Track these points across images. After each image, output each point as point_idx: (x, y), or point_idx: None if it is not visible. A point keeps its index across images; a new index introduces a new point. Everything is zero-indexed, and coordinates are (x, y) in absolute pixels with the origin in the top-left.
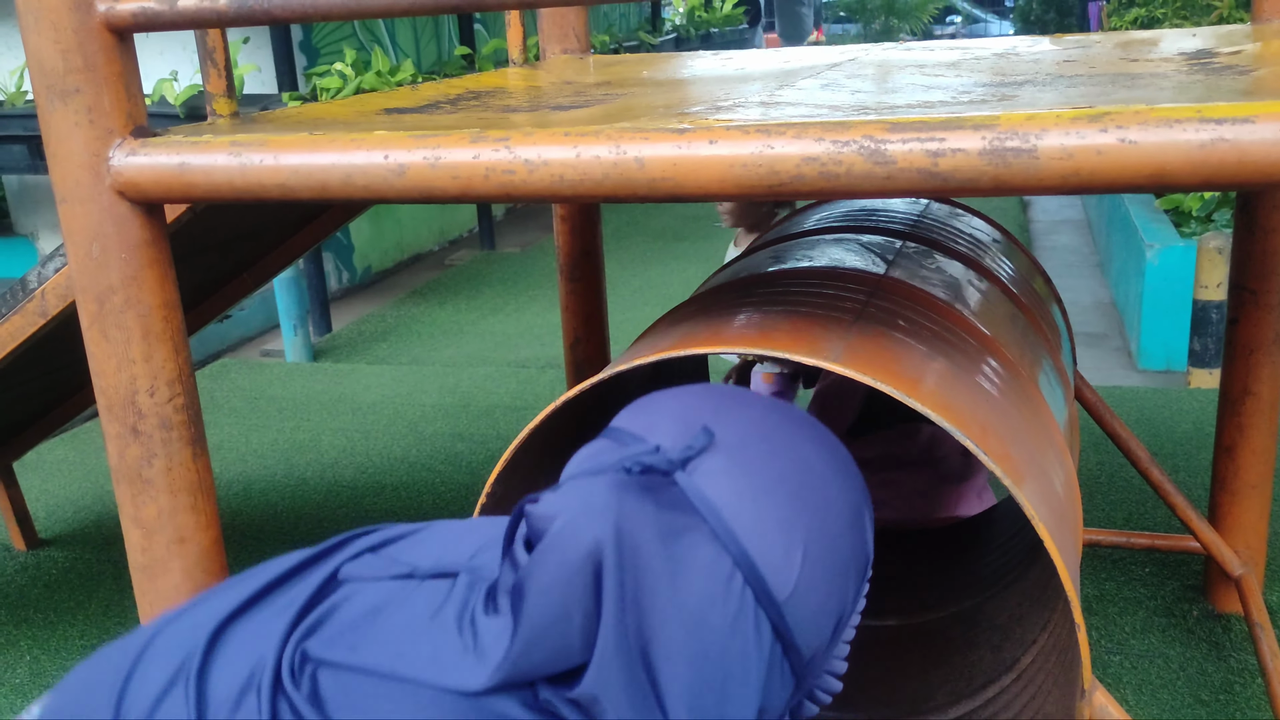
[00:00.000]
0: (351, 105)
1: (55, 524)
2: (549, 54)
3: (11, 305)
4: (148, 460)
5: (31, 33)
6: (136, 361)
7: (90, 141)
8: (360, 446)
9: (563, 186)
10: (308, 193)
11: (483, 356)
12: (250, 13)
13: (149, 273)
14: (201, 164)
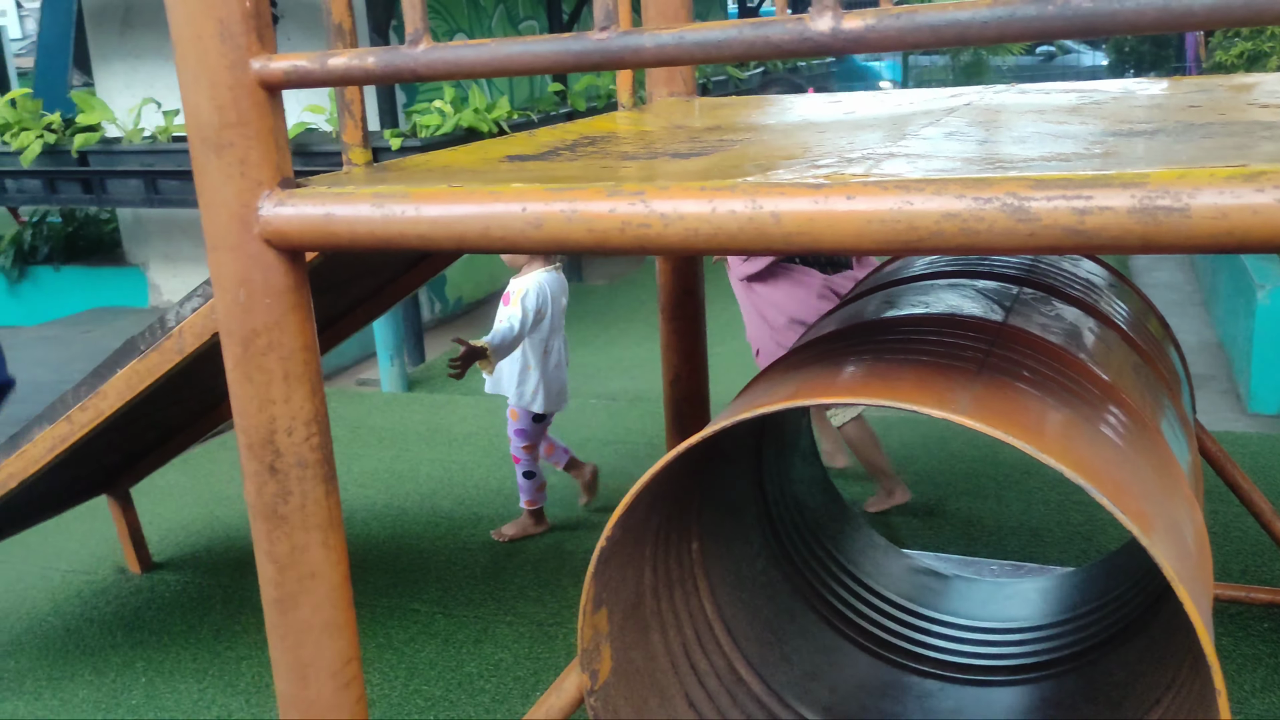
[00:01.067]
0: (475, 152)
1: (167, 547)
2: (655, 97)
3: (150, 342)
4: (283, 497)
5: (190, 89)
6: (276, 402)
7: (241, 192)
8: (457, 478)
9: (697, 240)
10: (446, 243)
11: (573, 389)
12: (397, 71)
13: (291, 317)
14: (346, 214)
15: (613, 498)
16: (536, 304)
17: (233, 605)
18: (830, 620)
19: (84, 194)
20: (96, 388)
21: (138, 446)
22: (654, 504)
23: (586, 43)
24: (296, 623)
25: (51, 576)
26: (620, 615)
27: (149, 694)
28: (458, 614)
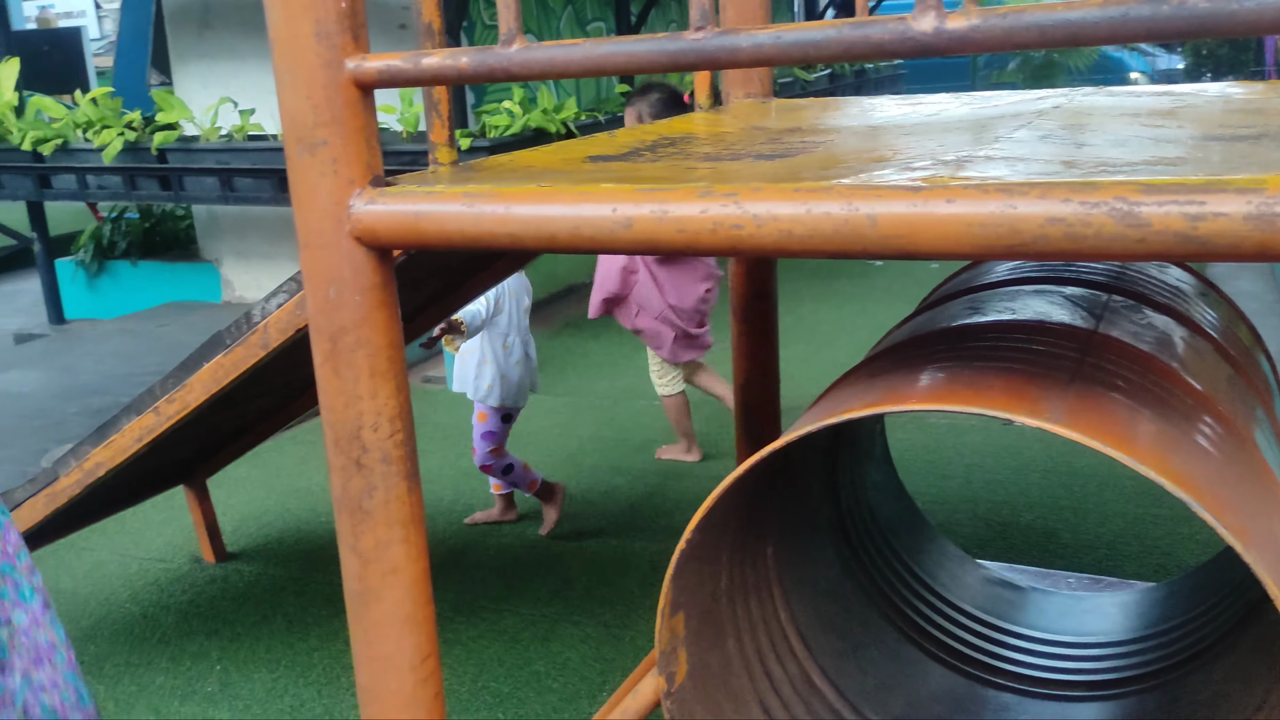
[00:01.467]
0: (556, 153)
1: (240, 538)
2: (732, 98)
3: (236, 337)
4: (368, 492)
5: (286, 88)
6: (363, 398)
7: (334, 191)
8: None
9: (790, 242)
10: (536, 243)
11: (637, 391)
12: (490, 71)
13: (379, 314)
14: (436, 213)
15: (680, 500)
16: (495, 294)
17: (304, 597)
18: (904, 630)
19: (162, 191)
20: (183, 381)
21: (215, 439)
22: (731, 508)
23: (682, 43)
24: (378, 617)
25: (129, 564)
26: (697, 619)
27: (224, 682)
28: (524, 612)
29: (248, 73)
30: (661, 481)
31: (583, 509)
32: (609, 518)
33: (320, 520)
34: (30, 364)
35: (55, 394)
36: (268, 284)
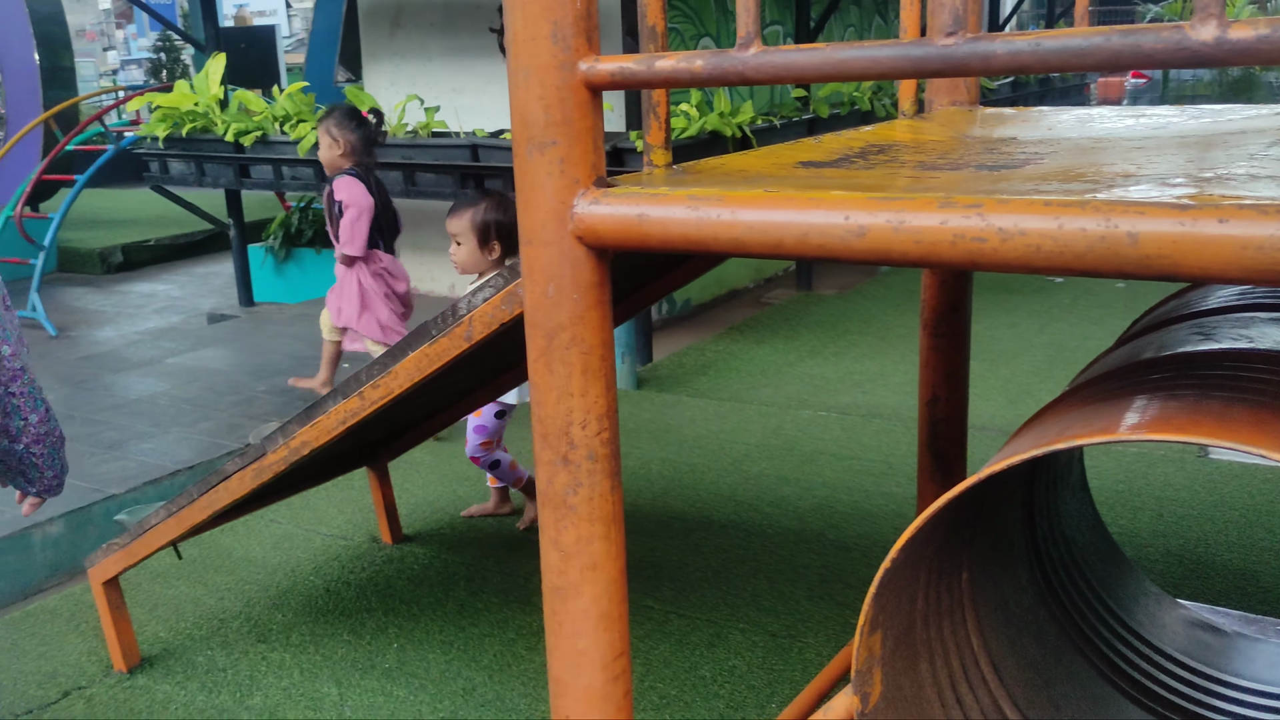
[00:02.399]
0: (767, 158)
1: (415, 522)
2: (936, 105)
3: (441, 328)
4: (573, 488)
5: (520, 89)
6: (574, 395)
7: (559, 190)
8: (688, 479)
9: (1038, 258)
10: (761, 248)
11: (803, 399)
12: (724, 75)
13: (594, 313)
14: (659, 215)
15: (850, 514)
16: None
17: (475, 583)
18: (1100, 668)
19: None
20: (389, 367)
21: (401, 424)
22: (932, 531)
23: (930, 48)
24: (575, 612)
25: (313, 539)
26: (893, 640)
27: (400, 659)
28: (691, 615)
29: (434, 71)
30: (830, 494)
31: (750, 517)
32: (777, 528)
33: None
34: (223, 342)
35: (246, 371)
36: (441, 276)
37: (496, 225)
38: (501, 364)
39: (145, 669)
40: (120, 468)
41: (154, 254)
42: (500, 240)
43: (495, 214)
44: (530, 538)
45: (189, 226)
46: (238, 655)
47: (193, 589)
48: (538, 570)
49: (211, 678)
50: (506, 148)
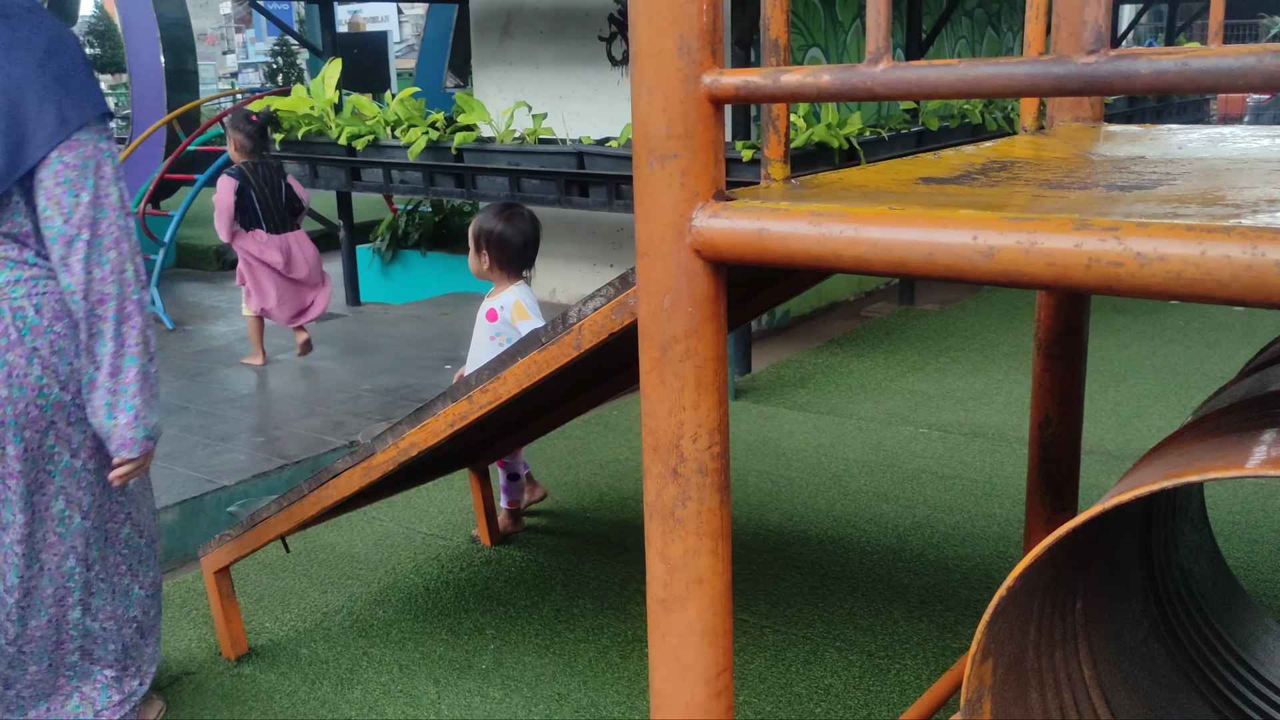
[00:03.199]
0: (885, 173)
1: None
2: (1058, 121)
3: (551, 336)
4: (682, 501)
5: (642, 101)
6: (686, 408)
7: (679, 203)
8: (785, 493)
9: (1178, 284)
10: (884, 267)
11: (903, 415)
12: (853, 90)
13: (708, 327)
14: (780, 230)
15: (951, 534)
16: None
17: (571, 588)
18: (1214, 704)
19: (456, 188)
20: (499, 373)
21: (502, 428)
22: (1049, 558)
23: (1070, 66)
24: (680, 625)
25: (413, 538)
26: (1003, 669)
27: (497, 660)
28: (786, 631)
29: (542, 79)
30: (931, 513)
31: (848, 533)
32: (875, 545)
33: (587, 516)
34: (330, 341)
35: (352, 370)
36: (542, 279)
37: (487, 234)
38: (603, 372)
39: (251, 658)
40: (230, 460)
41: None
42: (489, 249)
43: (491, 222)
44: (627, 543)
45: None
46: (339, 649)
47: (298, 582)
48: (633, 578)
49: (314, 670)
50: (611, 155)
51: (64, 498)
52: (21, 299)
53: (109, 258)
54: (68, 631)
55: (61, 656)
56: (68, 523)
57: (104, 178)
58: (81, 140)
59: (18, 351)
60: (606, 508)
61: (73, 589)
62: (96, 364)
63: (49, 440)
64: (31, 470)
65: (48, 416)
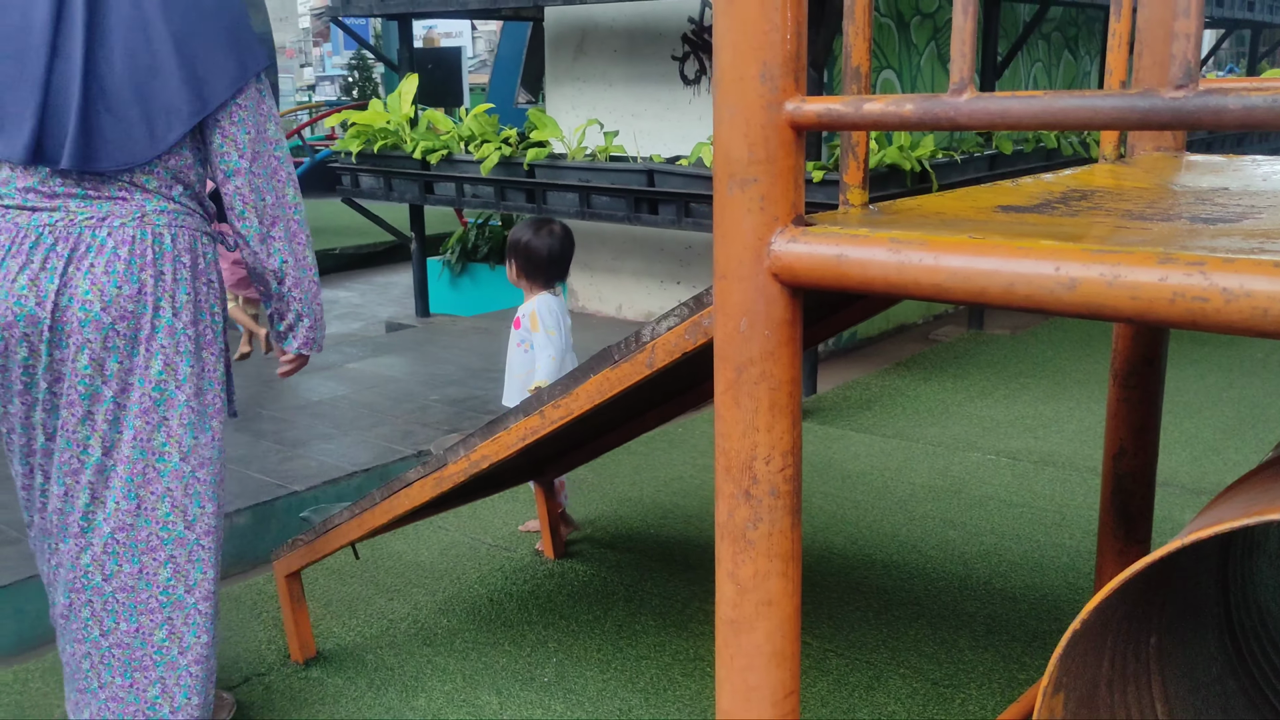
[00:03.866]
0: (964, 200)
1: (575, 539)
2: (1139, 150)
3: (624, 354)
4: (753, 523)
5: (724, 125)
6: (759, 430)
7: (757, 227)
8: (850, 515)
9: (1265, 321)
10: (963, 295)
11: (972, 441)
12: (935, 120)
13: (784, 350)
14: (858, 257)
15: (1020, 563)
16: (553, 323)
17: (634, 604)
18: None
19: (527, 203)
20: (571, 389)
21: (570, 442)
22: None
23: (1156, 100)
24: (748, 647)
25: (478, 548)
26: (1075, 703)
27: (559, 674)
28: (849, 655)
29: (615, 97)
30: (998, 541)
31: (913, 559)
32: (941, 572)
33: (650, 532)
34: (399, 351)
35: (420, 381)
36: (609, 296)
37: (514, 245)
38: (672, 389)
39: (319, 662)
40: (302, 465)
41: (339, 262)
42: (516, 258)
43: (521, 233)
44: (690, 561)
45: (371, 237)
46: (404, 656)
47: (365, 589)
48: (696, 596)
49: (380, 676)
50: (681, 173)
51: (165, 430)
52: (162, 227)
53: (274, 184)
54: (157, 595)
55: (150, 624)
56: (167, 459)
57: (263, 115)
58: (252, 84)
59: (150, 272)
60: (670, 525)
61: (165, 541)
62: (278, 277)
63: (157, 364)
64: (137, 388)
65: (159, 340)
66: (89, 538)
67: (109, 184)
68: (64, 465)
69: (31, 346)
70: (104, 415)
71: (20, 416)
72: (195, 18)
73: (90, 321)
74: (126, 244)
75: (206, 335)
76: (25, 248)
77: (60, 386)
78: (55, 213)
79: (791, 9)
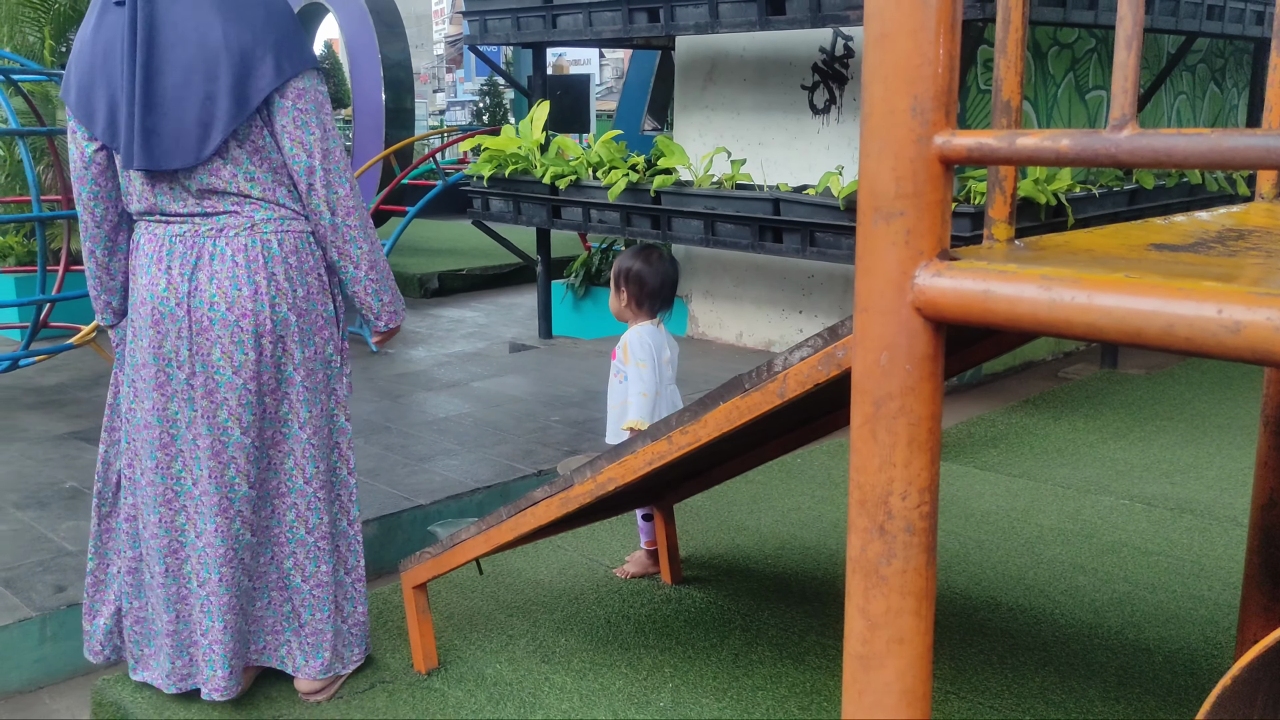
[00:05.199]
0: (1115, 237)
1: (692, 565)
2: None
3: (755, 383)
4: (886, 559)
5: (871, 159)
6: (896, 465)
7: (901, 260)
8: (974, 555)
9: None
10: (1118, 336)
11: (1103, 485)
12: (1094, 155)
13: (925, 385)
14: (1007, 293)
15: (1153, 614)
16: (644, 355)
17: (750, 633)
18: None
19: (652, 229)
20: (699, 416)
21: (693, 469)
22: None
23: None
24: (878, 684)
25: (596, 570)
26: None
27: (675, 700)
28: (972, 699)
29: (743, 125)
30: (1131, 590)
31: (1040, 603)
32: (1069, 619)
33: (767, 561)
34: (522, 371)
35: (542, 401)
36: (730, 323)
37: (626, 272)
38: (797, 420)
39: (440, 673)
40: (426, 480)
41: (465, 282)
42: (628, 286)
43: (631, 261)
44: (807, 593)
45: (498, 259)
46: (523, 672)
47: (485, 604)
48: (812, 629)
49: (499, 690)
50: (807, 203)
51: (287, 404)
52: (269, 234)
53: (346, 177)
54: (280, 564)
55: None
56: (288, 428)
57: (326, 114)
58: (304, 87)
59: (262, 275)
60: (788, 556)
61: (289, 488)
62: (355, 263)
63: (277, 350)
64: (263, 375)
65: (277, 331)
66: (237, 507)
67: (223, 199)
68: (207, 449)
69: (175, 342)
70: (237, 399)
71: (157, 409)
72: (250, 28)
73: (218, 320)
74: (241, 251)
75: (317, 323)
76: (163, 255)
77: (196, 380)
78: (184, 224)
79: (945, 43)
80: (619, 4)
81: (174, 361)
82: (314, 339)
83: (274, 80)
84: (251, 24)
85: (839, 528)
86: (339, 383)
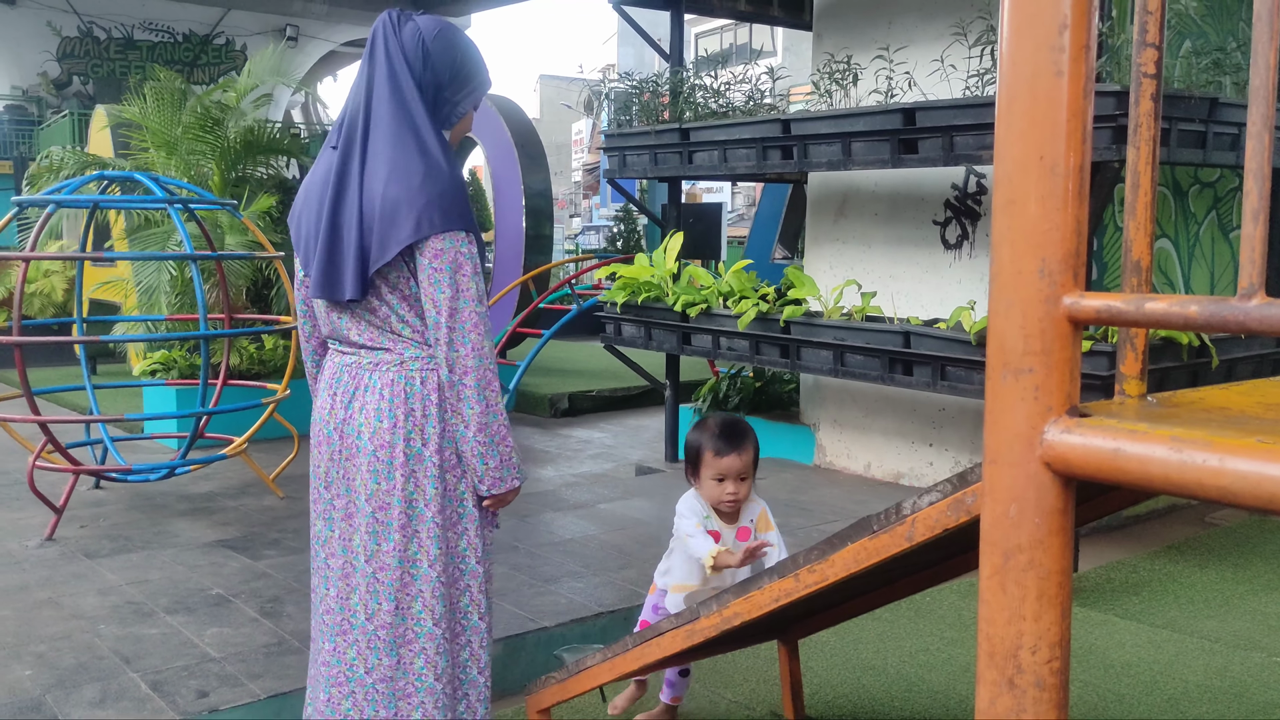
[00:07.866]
0: (1252, 395)
1: (817, 703)
2: None
3: (884, 525)
4: (1016, 715)
5: (1000, 317)
6: (1026, 619)
7: (1030, 415)
8: (1114, 710)
9: None
10: (1253, 501)
11: (1255, 640)
12: (1223, 323)
13: (1055, 539)
14: (1137, 453)
15: None
16: (685, 526)
17: None
18: None
19: (781, 358)
20: (827, 555)
21: (820, 605)
22: None
23: None
24: None
25: (718, 703)
26: None
27: None
28: None
29: (873, 258)
30: None
31: None
32: None
33: (894, 703)
34: (648, 494)
35: (666, 526)
36: (858, 453)
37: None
38: (926, 560)
39: None
40: (552, 601)
41: (594, 403)
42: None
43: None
44: None
45: (626, 381)
46: None
47: None
48: None
49: None
50: (938, 336)
51: (416, 542)
52: (415, 371)
53: (470, 339)
54: (413, 682)
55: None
56: (416, 568)
57: (463, 275)
58: (442, 248)
59: (402, 409)
60: (915, 699)
61: (418, 635)
62: (465, 422)
63: (409, 485)
64: (394, 508)
65: (410, 465)
66: (354, 635)
67: (382, 335)
68: (337, 570)
69: (329, 464)
70: (366, 527)
71: (314, 525)
72: (404, 187)
73: (362, 448)
74: (389, 385)
75: (450, 460)
76: (333, 382)
77: (338, 502)
78: (353, 355)
79: (1072, 209)
80: (754, 143)
81: (324, 482)
82: (447, 476)
83: (411, 235)
84: (409, 183)
85: (969, 672)
86: (471, 523)
